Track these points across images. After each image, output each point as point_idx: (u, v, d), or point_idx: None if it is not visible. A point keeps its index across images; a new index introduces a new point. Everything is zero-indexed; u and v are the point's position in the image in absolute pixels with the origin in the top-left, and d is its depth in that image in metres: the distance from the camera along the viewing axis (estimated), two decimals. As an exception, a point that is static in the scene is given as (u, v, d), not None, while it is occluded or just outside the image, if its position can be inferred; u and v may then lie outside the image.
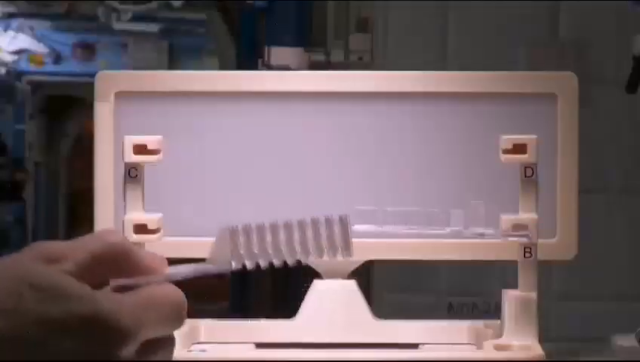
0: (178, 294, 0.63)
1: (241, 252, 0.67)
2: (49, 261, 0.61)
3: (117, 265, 0.62)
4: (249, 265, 0.68)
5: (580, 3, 1.54)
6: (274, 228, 0.68)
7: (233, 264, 0.67)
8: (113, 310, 0.59)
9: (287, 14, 1.75)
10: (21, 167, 4.92)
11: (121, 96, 1.05)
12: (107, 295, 0.61)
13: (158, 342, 0.62)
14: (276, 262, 0.68)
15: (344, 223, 0.68)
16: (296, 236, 0.68)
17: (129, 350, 0.60)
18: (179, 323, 0.63)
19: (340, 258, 0.74)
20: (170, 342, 0.63)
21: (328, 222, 0.69)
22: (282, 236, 0.68)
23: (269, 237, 0.68)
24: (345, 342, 1.02)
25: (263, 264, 0.68)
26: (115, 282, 0.62)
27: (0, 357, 0.58)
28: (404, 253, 1.05)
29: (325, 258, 0.72)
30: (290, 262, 0.69)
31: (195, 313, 0.71)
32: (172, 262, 0.68)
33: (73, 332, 0.59)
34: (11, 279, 0.59)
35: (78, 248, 0.62)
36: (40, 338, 0.58)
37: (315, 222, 0.69)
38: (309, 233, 0.68)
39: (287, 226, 0.69)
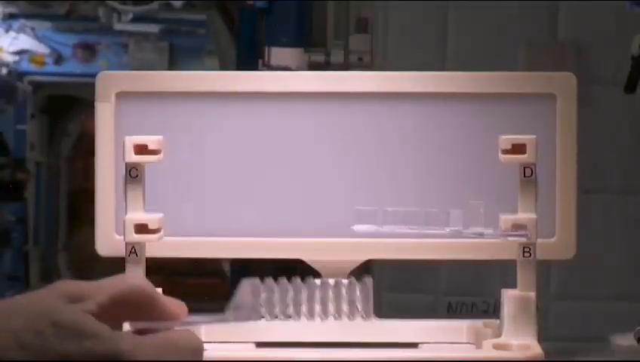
0: (196, 340, 0.64)
1: (262, 307, 0.68)
2: (72, 300, 0.62)
3: (138, 308, 0.63)
4: (267, 319, 0.68)
5: (579, 3, 1.54)
6: (296, 286, 0.69)
7: (252, 318, 0.68)
8: (132, 351, 0.61)
9: (287, 15, 1.75)
10: (22, 166, 4.93)
11: (121, 96, 1.06)
12: (127, 335, 0.62)
13: None
14: (295, 319, 0.69)
15: (366, 287, 0.69)
16: (317, 297, 0.68)
17: None
18: None
19: (359, 321, 0.74)
20: None
21: (350, 284, 0.69)
22: (304, 295, 0.68)
23: (290, 295, 0.69)
24: (345, 342, 1.02)
25: (282, 319, 0.69)
26: (135, 324, 0.63)
27: None
28: (404, 253, 1.06)
29: (344, 321, 0.72)
30: (309, 320, 0.69)
31: (195, 313, 0.71)
32: (173, 261, 0.69)
33: None
34: (35, 316, 0.60)
35: (100, 289, 0.63)
36: None
37: (337, 284, 0.69)
38: (330, 294, 0.69)
39: (310, 285, 0.69)
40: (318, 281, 0.69)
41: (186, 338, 0.64)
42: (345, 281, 0.68)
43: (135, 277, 0.65)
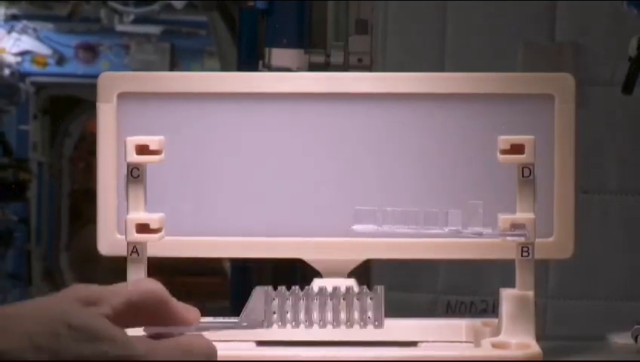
0: (210, 346, 0.65)
1: (274, 315, 0.69)
2: (87, 303, 0.63)
3: (152, 312, 0.64)
4: (280, 326, 0.69)
5: (577, 4, 1.55)
6: (307, 294, 0.69)
7: (265, 325, 0.69)
8: (146, 355, 0.61)
9: (287, 16, 1.75)
10: (25, 167, 4.94)
11: (123, 97, 1.06)
12: (141, 340, 0.62)
13: None
14: (306, 326, 0.70)
15: (378, 296, 0.69)
16: (329, 304, 0.69)
17: None
18: None
19: (370, 330, 0.74)
20: None
21: (361, 292, 0.70)
22: (316, 302, 0.69)
23: (302, 303, 0.69)
24: (344, 340, 1.03)
25: (293, 327, 0.69)
26: (149, 329, 0.64)
27: None
28: (403, 252, 1.06)
29: (355, 329, 0.73)
30: (321, 327, 0.70)
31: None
32: (174, 260, 0.70)
33: None
34: (50, 318, 0.61)
35: (115, 293, 0.64)
36: None
37: (349, 292, 0.70)
38: (342, 302, 0.69)
39: (321, 293, 0.70)
40: (330, 288, 0.69)
41: (199, 343, 0.64)
42: (356, 289, 0.69)
43: (150, 281, 0.66)
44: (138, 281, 0.66)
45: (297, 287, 0.71)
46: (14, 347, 0.59)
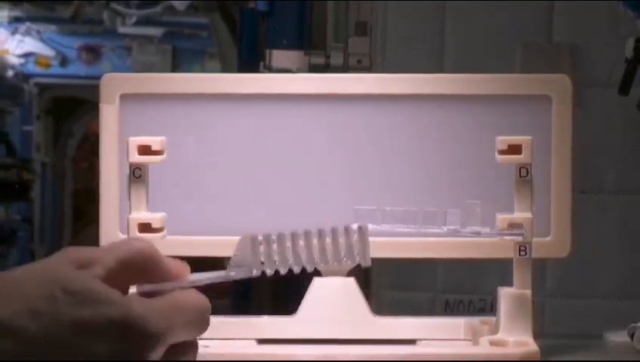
0: (203, 300, 0.65)
1: (262, 260, 0.69)
2: (80, 266, 0.62)
3: (143, 270, 0.64)
4: (269, 272, 0.70)
5: (575, 5, 1.55)
6: (294, 236, 0.70)
7: (254, 271, 0.69)
8: (142, 314, 0.61)
9: (287, 17, 1.76)
10: (28, 167, 4.95)
11: (125, 97, 1.07)
12: (136, 299, 0.63)
13: (182, 346, 0.64)
14: (296, 269, 0.70)
15: (363, 232, 0.70)
16: (315, 244, 0.70)
17: (157, 353, 0.62)
18: (203, 328, 0.65)
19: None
20: (193, 346, 0.65)
21: (347, 231, 0.71)
22: (301, 244, 0.70)
23: (288, 245, 0.70)
24: (344, 339, 1.04)
25: (282, 271, 0.70)
26: (141, 287, 0.64)
27: (33, 358, 0.59)
28: (403, 252, 1.07)
29: (344, 265, 0.74)
30: (309, 269, 0.70)
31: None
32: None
33: (103, 334, 0.60)
34: (44, 283, 0.61)
35: (106, 254, 0.63)
36: (71, 340, 0.60)
37: (334, 231, 0.70)
38: (328, 241, 0.70)
39: (307, 234, 0.71)
40: (315, 230, 0.70)
41: (193, 298, 0.65)
42: (341, 228, 0.70)
43: (138, 240, 0.66)
44: (128, 240, 0.66)
45: (283, 231, 0.71)
46: (12, 313, 0.59)
